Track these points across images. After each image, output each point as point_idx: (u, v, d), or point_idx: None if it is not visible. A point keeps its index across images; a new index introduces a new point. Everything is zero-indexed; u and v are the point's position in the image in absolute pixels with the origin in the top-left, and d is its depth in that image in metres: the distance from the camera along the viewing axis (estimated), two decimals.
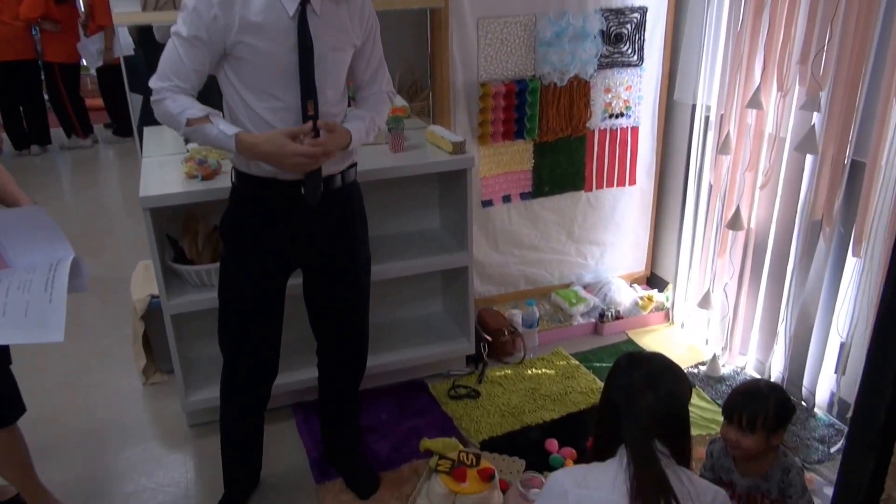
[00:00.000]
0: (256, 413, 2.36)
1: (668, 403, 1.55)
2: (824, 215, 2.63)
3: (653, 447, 1.52)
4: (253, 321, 2.17)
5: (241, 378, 2.25)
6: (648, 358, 1.65)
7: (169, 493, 2.48)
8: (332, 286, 2.24)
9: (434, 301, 3.32)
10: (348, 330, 2.34)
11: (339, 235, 2.17)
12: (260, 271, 2.12)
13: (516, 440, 2.70)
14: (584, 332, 3.45)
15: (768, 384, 2.06)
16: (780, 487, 2.03)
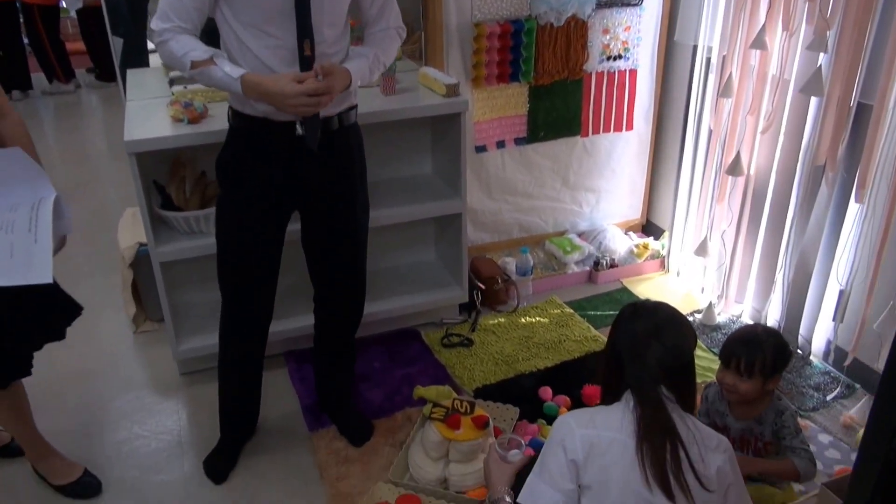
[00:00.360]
0: (255, 358, 2.33)
1: (674, 353, 1.53)
2: (827, 160, 2.58)
3: (659, 393, 1.51)
4: (250, 262, 2.13)
5: (240, 320, 2.22)
6: (653, 308, 1.62)
7: (162, 441, 2.46)
8: (330, 231, 2.20)
9: (426, 248, 3.26)
10: (346, 276, 2.29)
11: (338, 179, 2.12)
12: (256, 212, 2.07)
13: (510, 388, 2.68)
14: (579, 281, 3.41)
15: (766, 329, 2.05)
16: (773, 430, 2.03)
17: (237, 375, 2.32)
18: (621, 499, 1.44)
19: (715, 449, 1.52)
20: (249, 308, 2.21)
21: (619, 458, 1.45)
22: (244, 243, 2.11)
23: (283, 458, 2.37)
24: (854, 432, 2.47)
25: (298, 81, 1.84)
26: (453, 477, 2.17)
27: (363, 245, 2.30)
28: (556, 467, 1.49)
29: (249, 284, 2.17)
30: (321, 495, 2.22)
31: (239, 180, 2.06)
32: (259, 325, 2.26)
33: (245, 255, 2.12)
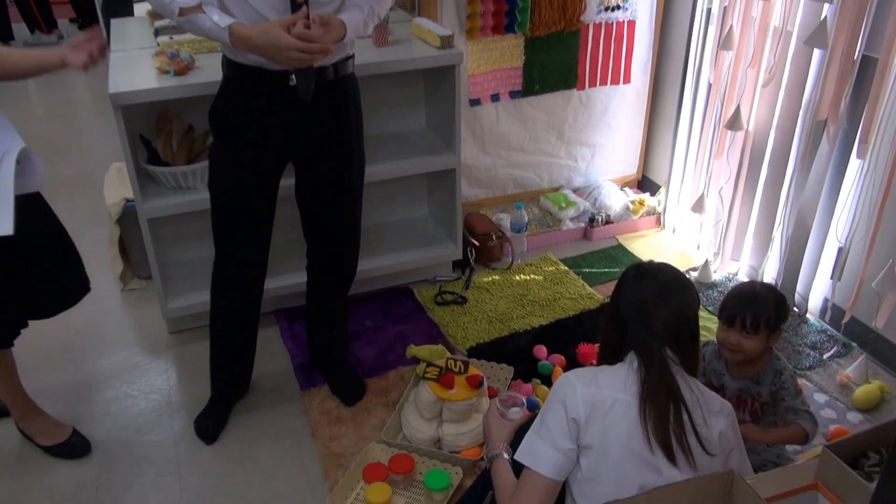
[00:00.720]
0: (249, 313, 2.28)
1: (679, 315, 1.50)
2: (829, 114, 2.51)
3: (664, 355, 1.48)
4: (244, 213, 2.08)
5: (234, 273, 2.18)
6: (657, 269, 1.58)
7: (151, 401, 2.43)
8: (324, 184, 2.15)
9: (420, 204, 3.21)
10: (339, 232, 2.25)
11: (332, 131, 2.06)
12: (250, 162, 2.01)
13: (504, 347, 2.66)
14: (574, 237, 3.37)
15: (763, 285, 2.02)
16: (771, 390, 2.01)
17: (230, 332, 2.28)
18: (621, 459, 1.42)
19: (718, 413, 1.49)
20: (243, 261, 2.16)
21: (621, 418, 1.43)
22: (237, 194, 2.05)
23: (274, 418, 2.35)
24: (850, 391, 2.46)
25: (286, 27, 1.77)
26: (447, 437, 2.15)
27: (358, 201, 2.24)
28: (556, 425, 1.46)
29: (244, 236, 2.12)
30: (313, 455, 2.20)
31: (232, 130, 2.00)
32: (253, 280, 2.22)
33: (239, 206, 2.07)
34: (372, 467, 2.05)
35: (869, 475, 1.40)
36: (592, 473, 1.44)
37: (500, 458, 1.68)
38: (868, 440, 1.43)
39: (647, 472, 1.41)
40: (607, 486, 1.43)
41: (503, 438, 1.76)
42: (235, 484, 2.11)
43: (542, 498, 1.46)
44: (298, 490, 2.09)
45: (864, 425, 2.32)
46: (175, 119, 2.54)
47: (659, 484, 1.41)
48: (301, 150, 2.07)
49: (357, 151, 2.16)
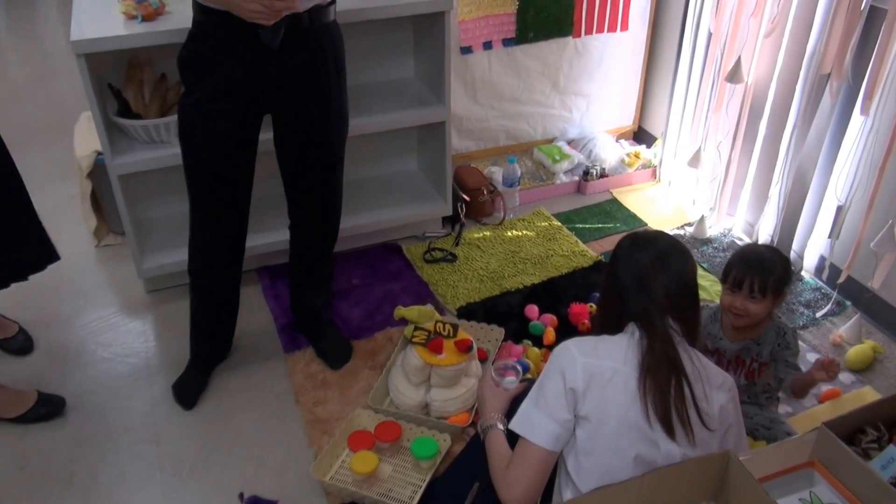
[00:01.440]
0: (230, 272, 2.17)
1: (679, 282, 1.46)
2: (833, 68, 2.40)
3: (666, 325, 1.43)
4: (218, 168, 1.96)
5: (209, 232, 2.06)
6: (653, 237, 1.54)
7: (128, 364, 2.34)
8: (302, 141, 2.03)
9: (408, 158, 3.09)
10: (319, 190, 2.14)
11: (309, 84, 1.93)
12: (221, 113, 1.89)
13: (495, 306, 2.59)
14: (567, 191, 3.27)
15: (768, 248, 1.96)
16: (773, 350, 1.96)
17: (209, 293, 2.18)
18: (619, 432, 1.37)
19: (719, 387, 1.45)
20: (220, 220, 2.05)
21: (621, 390, 1.37)
22: (210, 149, 1.93)
23: (256, 382, 2.28)
24: (843, 351, 2.42)
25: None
26: (435, 402, 2.09)
27: (339, 158, 2.13)
28: (554, 396, 1.41)
29: (218, 193, 2.00)
30: (297, 421, 2.14)
31: (201, 79, 1.87)
32: (232, 239, 2.11)
33: (212, 162, 1.95)
34: (357, 435, 1.99)
35: (866, 452, 1.36)
36: (588, 445, 1.39)
37: (494, 429, 1.64)
38: (866, 416, 1.38)
39: (643, 444, 1.37)
40: (602, 459, 1.38)
41: (498, 409, 1.72)
42: (216, 452, 2.05)
43: (538, 469, 1.42)
44: (281, 458, 2.03)
45: (855, 386, 2.29)
46: (146, 67, 2.39)
47: (655, 457, 1.37)
48: (276, 103, 1.95)
49: (338, 106, 2.03)
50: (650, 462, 1.36)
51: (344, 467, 1.96)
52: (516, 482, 1.41)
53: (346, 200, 2.78)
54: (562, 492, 1.45)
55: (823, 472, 1.36)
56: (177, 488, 1.94)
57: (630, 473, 1.36)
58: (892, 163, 2.30)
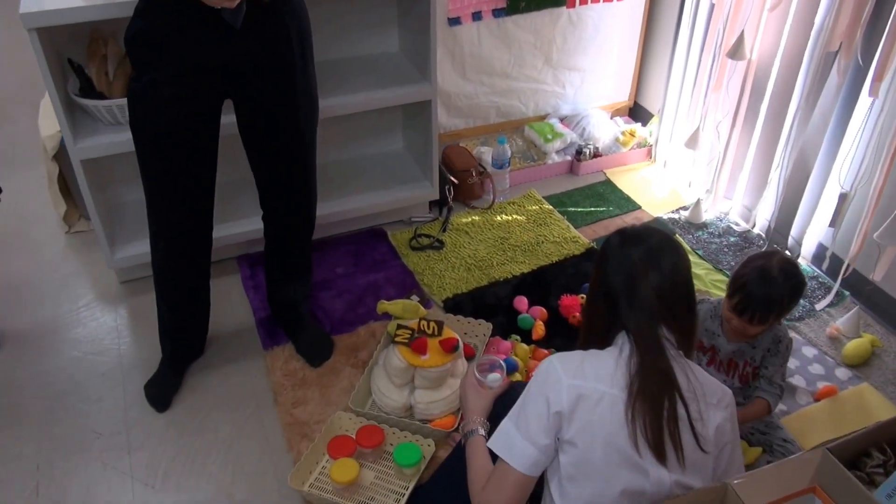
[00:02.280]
0: (194, 270, 2.05)
1: (673, 279, 1.33)
2: (842, 45, 2.27)
3: (660, 335, 1.32)
4: (174, 161, 1.81)
5: (169, 227, 1.92)
6: (642, 232, 1.40)
7: (99, 362, 2.23)
8: (268, 127, 1.89)
9: (394, 136, 2.96)
10: (289, 180, 2.01)
11: (272, 65, 1.78)
12: (173, 98, 1.72)
13: (483, 297, 2.49)
14: (559, 171, 3.15)
15: (782, 268, 1.76)
16: (764, 355, 1.88)
17: (174, 290, 2.06)
18: (605, 460, 1.28)
19: (717, 405, 1.34)
20: (180, 213, 1.90)
21: (608, 415, 1.28)
22: (163, 137, 1.77)
23: (234, 380, 2.18)
24: (840, 344, 2.34)
25: None
26: (419, 405, 2.00)
27: (309, 144, 1.98)
28: (536, 419, 1.32)
29: (176, 187, 1.85)
30: (276, 423, 2.05)
31: (151, 60, 1.70)
32: (194, 234, 1.96)
33: (166, 152, 1.79)
34: (338, 440, 1.91)
35: (871, 476, 1.28)
36: (573, 472, 1.31)
37: (475, 436, 1.55)
38: (871, 438, 1.30)
39: (632, 472, 1.28)
40: (588, 486, 1.30)
41: (480, 410, 1.64)
42: (191, 458, 1.96)
43: (515, 492, 1.34)
44: (259, 464, 1.95)
45: (853, 382, 2.22)
46: (110, 41, 2.22)
47: (644, 485, 1.29)
48: (236, 87, 1.80)
49: (304, 86, 1.87)
50: (639, 491, 1.28)
51: (324, 473, 1.88)
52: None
53: (328, 184, 2.67)
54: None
55: (825, 498, 1.28)
56: (150, 499, 1.85)
57: (616, 502, 1.28)
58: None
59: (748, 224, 2.85)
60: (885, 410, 2.10)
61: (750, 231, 2.83)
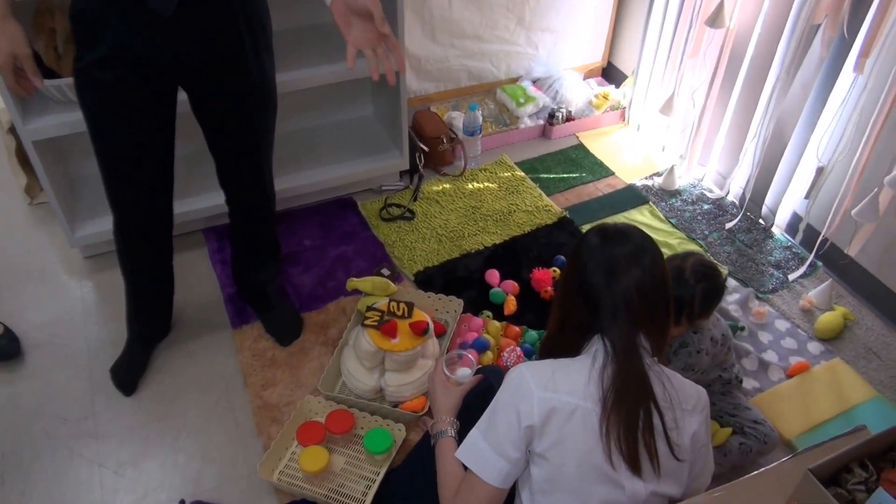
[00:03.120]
0: (155, 249, 1.98)
1: (653, 277, 1.29)
2: (828, 17, 2.21)
3: (637, 342, 1.29)
4: (119, 146, 1.71)
5: (125, 208, 1.84)
6: (624, 230, 1.35)
7: (63, 344, 2.18)
8: (220, 120, 1.79)
9: (362, 104, 2.88)
10: (241, 171, 1.92)
11: (218, 55, 1.66)
12: (111, 82, 1.61)
13: (454, 271, 2.46)
14: (532, 136, 3.10)
15: (696, 269, 1.75)
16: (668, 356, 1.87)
17: (137, 269, 1.99)
18: (579, 475, 1.26)
19: (692, 410, 1.33)
20: (133, 197, 1.82)
21: (581, 429, 1.25)
22: (105, 122, 1.67)
23: (202, 361, 2.14)
24: (812, 317, 2.36)
25: None
26: (389, 388, 1.99)
27: (261, 139, 1.87)
28: (506, 432, 1.29)
29: (125, 173, 1.76)
30: (245, 406, 2.03)
31: (88, 41, 1.59)
32: (151, 213, 1.88)
33: (110, 137, 1.70)
34: (307, 427, 1.89)
35: (852, 493, 1.28)
36: (546, 486, 1.29)
37: (445, 438, 1.53)
38: (853, 454, 1.29)
39: (606, 487, 1.27)
40: (562, 500, 1.29)
41: (449, 409, 1.61)
42: (158, 444, 1.93)
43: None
44: (228, 449, 1.93)
45: (825, 356, 2.23)
46: (57, 13, 2.09)
47: (620, 498, 1.27)
48: (182, 77, 1.69)
49: (259, 78, 1.75)
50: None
51: (294, 460, 1.87)
52: None
53: (295, 154, 2.61)
54: None
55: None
56: (117, 488, 1.84)
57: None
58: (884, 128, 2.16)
59: (722, 191, 2.84)
60: (856, 387, 2.12)
61: (724, 198, 2.82)
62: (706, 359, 1.85)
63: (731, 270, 2.51)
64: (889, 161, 2.13)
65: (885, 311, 2.36)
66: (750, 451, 1.88)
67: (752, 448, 1.87)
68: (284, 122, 2.71)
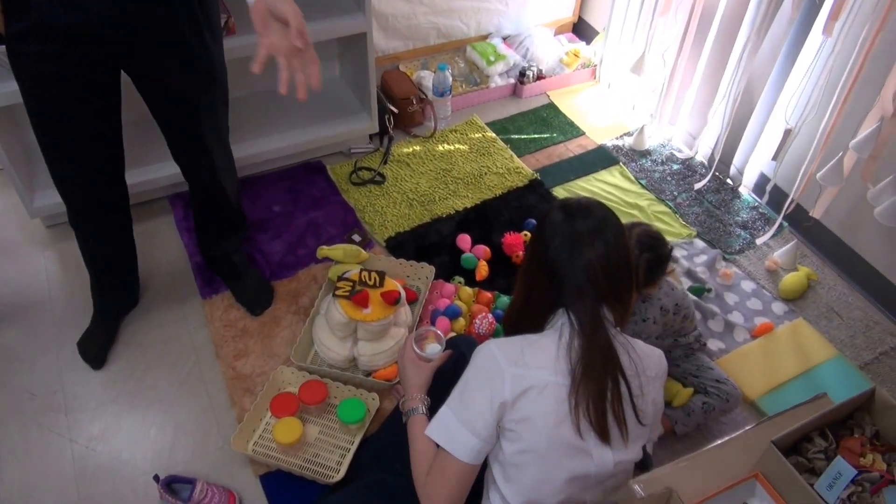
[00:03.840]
0: (108, 223, 1.91)
1: (616, 252, 1.30)
2: None
3: (601, 315, 1.30)
4: (57, 126, 1.63)
5: (68, 183, 1.77)
6: (586, 205, 1.35)
7: (28, 319, 2.15)
8: (164, 105, 1.72)
9: (329, 65, 2.81)
10: (190, 151, 1.86)
11: (154, 36, 1.56)
12: (39, 57, 1.52)
13: (426, 236, 2.45)
14: (502, 95, 3.06)
15: (640, 239, 1.77)
16: (666, 322, 1.89)
17: (93, 242, 1.94)
18: (549, 449, 1.28)
19: (655, 377, 1.36)
20: (74, 173, 1.74)
21: (551, 404, 1.27)
22: (39, 98, 1.59)
23: (172, 333, 2.12)
24: (777, 278, 2.40)
25: None
26: (362, 357, 1.99)
27: (213, 124, 1.81)
28: (477, 409, 1.30)
29: (63, 149, 1.69)
30: (218, 377, 2.02)
31: (15, 8, 1.48)
32: (96, 190, 1.79)
33: (46, 114, 1.62)
34: (281, 398, 1.89)
35: (812, 462, 1.32)
36: (517, 460, 1.31)
37: (416, 415, 1.54)
38: (813, 425, 1.33)
39: (576, 459, 1.30)
40: (531, 473, 1.31)
41: (420, 385, 1.61)
42: (130, 418, 1.92)
43: (458, 481, 1.34)
44: (201, 421, 1.93)
45: (788, 317, 2.28)
46: None
47: (589, 468, 1.30)
48: (119, 56, 1.60)
49: (206, 63, 1.67)
50: (583, 475, 1.30)
51: (268, 431, 1.88)
52: (438, 497, 1.34)
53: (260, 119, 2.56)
54: (489, 496, 1.39)
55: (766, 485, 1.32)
56: (90, 463, 1.83)
57: (561, 487, 1.30)
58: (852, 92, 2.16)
59: (691, 151, 2.84)
60: (818, 346, 2.17)
61: (693, 158, 2.83)
62: (654, 327, 1.87)
63: (699, 231, 2.53)
64: (854, 124, 2.15)
65: (847, 272, 2.41)
66: (713, 410, 1.92)
67: (714, 407, 1.92)
68: (248, 84, 2.65)
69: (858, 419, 1.38)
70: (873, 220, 2.09)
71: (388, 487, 1.55)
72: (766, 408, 2.01)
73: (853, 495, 1.23)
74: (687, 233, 2.52)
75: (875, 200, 2.08)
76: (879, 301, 2.33)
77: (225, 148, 1.93)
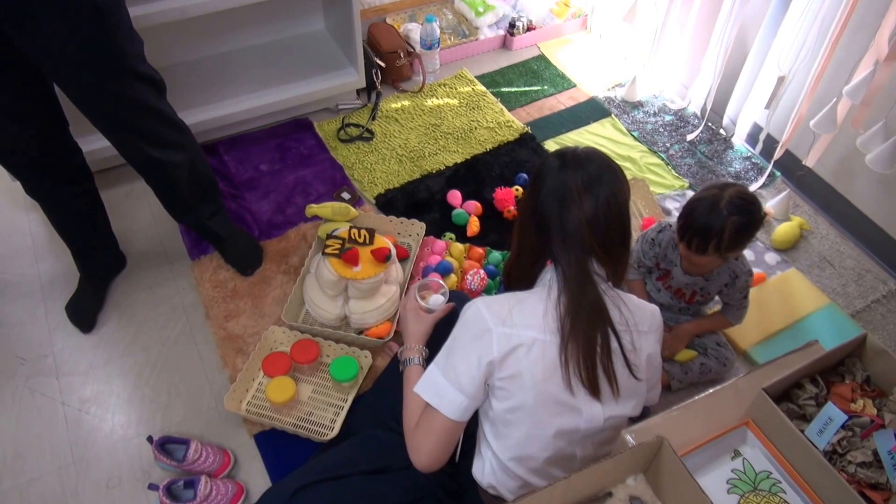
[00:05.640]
0: (70, 198, 1.86)
1: (608, 209, 1.27)
2: None
3: (590, 269, 1.28)
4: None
5: (14, 166, 1.73)
6: (583, 157, 1.31)
7: (15, 284, 2.13)
8: (80, 98, 1.62)
9: (313, 18, 2.74)
10: (116, 138, 1.76)
11: (60, 30, 1.46)
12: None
13: (416, 192, 2.42)
14: (492, 47, 3.01)
15: (732, 201, 1.65)
16: (720, 289, 1.87)
17: (55, 214, 1.89)
18: (537, 405, 1.27)
19: (647, 332, 1.34)
20: (6, 140, 1.66)
21: (539, 361, 1.26)
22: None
23: (161, 295, 2.11)
24: (770, 228, 2.38)
25: None
26: (354, 315, 1.98)
27: (114, 108, 1.65)
28: (465, 368, 1.29)
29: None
30: (209, 339, 2.01)
31: None
32: (34, 153, 1.71)
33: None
34: (273, 358, 1.89)
35: (803, 408, 1.32)
36: (507, 417, 1.31)
37: (412, 365, 1.53)
38: (804, 371, 1.33)
39: (564, 415, 1.29)
40: (521, 429, 1.31)
41: (420, 336, 1.60)
42: (122, 380, 1.92)
43: (445, 437, 1.33)
44: (194, 382, 1.93)
45: (781, 267, 2.28)
46: None
47: (578, 423, 1.30)
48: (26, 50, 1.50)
49: (88, 53, 1.52)
50: (572, 430, 1.30)
51: (261, 391, 1.88)
52: (423, 449, 1.34)
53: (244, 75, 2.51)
54: (481, 451, 1.39)
55: (757, 432, 1.32)
56: (83, 426, 1.83)
57: (550, 442, 1.30)
58: (843, 37, 2.13)
59: (684, 102, 2.81)
60: (810, 295, 2.17)
61: (685, 109, 2.79)
62: (713, 291, 1.88)
63: (691, 183, 2.51)
64: (848, 71, 2.11)
65: (839, 220, 2.40)
66: (709, 372, 1.93)
67: (711, 369, 1.93)
68: (231, 40, 2.60)
69: (849, 365, 1.38)
70: (865, 168, 2.06)
71: (380, 441, 1.55)
72: (758, 357, 2.02)
73: (843, 440, 1.24)
74: (679, 184, 2.50)
75: (865, 147, 2.06)
76: (871, 249, 2.32)
77: (160, 127, 1.76)
